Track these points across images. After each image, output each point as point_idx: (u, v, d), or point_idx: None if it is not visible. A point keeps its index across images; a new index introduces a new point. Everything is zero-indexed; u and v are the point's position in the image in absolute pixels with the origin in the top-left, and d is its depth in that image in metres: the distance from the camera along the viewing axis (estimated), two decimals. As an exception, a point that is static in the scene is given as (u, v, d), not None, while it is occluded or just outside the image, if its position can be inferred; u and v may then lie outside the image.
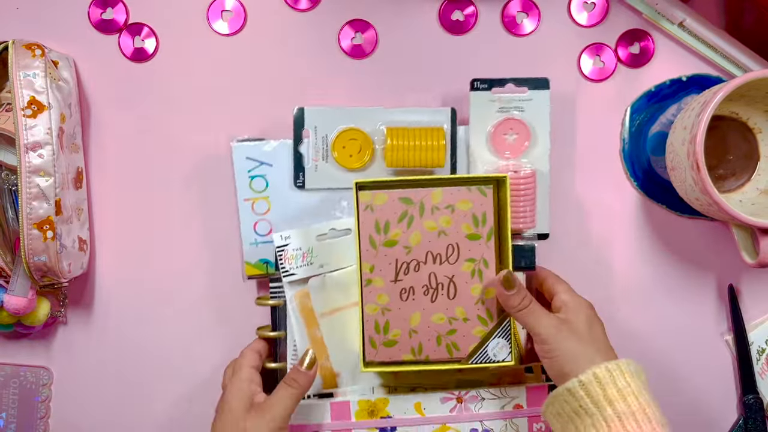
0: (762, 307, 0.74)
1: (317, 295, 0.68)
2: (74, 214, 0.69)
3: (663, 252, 0.74)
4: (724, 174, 0.71)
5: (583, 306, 0.64)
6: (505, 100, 0.69)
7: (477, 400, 0.68)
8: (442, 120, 0.69)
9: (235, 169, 0.70)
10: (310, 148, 0.70)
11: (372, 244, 0.65)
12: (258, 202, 0.70)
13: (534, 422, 0.69)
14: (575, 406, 0.59)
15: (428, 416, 0.68)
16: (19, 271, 0.67)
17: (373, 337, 0.66)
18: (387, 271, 0.65)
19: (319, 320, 0.68)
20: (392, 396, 0.68)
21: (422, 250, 0.65)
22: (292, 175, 0.70)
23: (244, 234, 0.70)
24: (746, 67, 0.72)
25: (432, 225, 0.65)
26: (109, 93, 0.73)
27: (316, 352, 0.65)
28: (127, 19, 0.72)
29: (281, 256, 0.68)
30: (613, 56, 0.73)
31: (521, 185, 0.69)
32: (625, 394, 0.58)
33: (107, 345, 0.74)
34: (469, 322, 0.66)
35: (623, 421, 0.56)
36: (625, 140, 0.73)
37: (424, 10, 0.73)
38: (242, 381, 0.64)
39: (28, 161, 0.63)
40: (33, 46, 0.66)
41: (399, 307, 0.65)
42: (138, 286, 0.74)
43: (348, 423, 0.68)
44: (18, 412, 0.73)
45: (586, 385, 0.58)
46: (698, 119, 0.61)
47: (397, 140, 0.68)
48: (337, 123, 0.69)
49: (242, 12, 0.73)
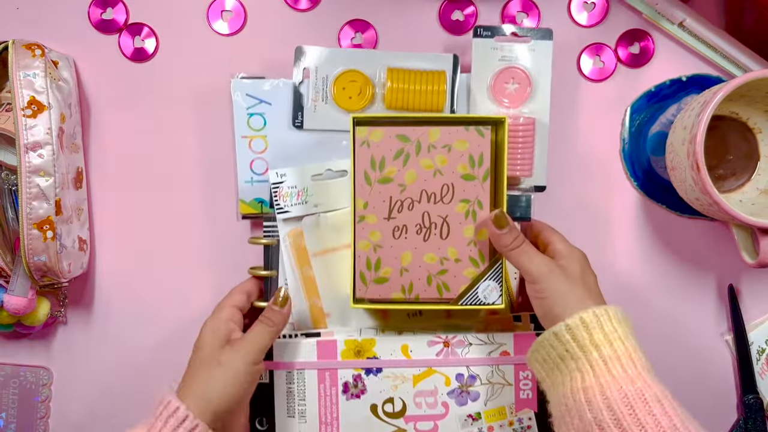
0: (762, 307, 0.74)
1: (310, 234, 0.68)
2: (74, 214, 0.69)
3: (663, 252, 0.74)
4: (724, 174, 0.71)
5: (577, 254, 0.64)
6: (507, 49, 0.69)
7: (464, 345, 0.68)
8: (443, 66, 0.69)
9: (234, 106, 0.70)
10: (310, 88, 0.70)
11: (367, 180, 0.65)
12: (255, 140, 0.70)
13: (520, 370, 0.68)
14: (561, 350, 0.58)
15: (414, 359, 0.68)
16: (19, 271, 0.67)
17: (364, 273, 0.65)
18: (380, 208, 0.65)
19: (312, 260, 0.68)
20: (379, 337, 0.68)
21: (417, 189, 0.65)
22: (290, 114, 0.70)
23: (240, 172, 0.70)
24: (746, 67, 0.72)
25: (428, 164, 0.65)
26: (109, 93, 0.73)
27: (307, 291, 0.65)
28: (127, 19, 0.72)
29: (276, 193, 0.68)
30: (613, 56, 0.73)
31: (520, 131, 0.68)
32: (611, 338, 0.57)
33: (107, 345, 0.74)
34: (461, 263, 0.65)
35: (608, 364, 0.56)
36: (625, 140, 0.73)
37: (424, 10, 0.73)
38: (219, 320, 0.64)
39: (28, 161, 0.63)
40: (33, 46, 0.66)
41: (391, 245, 0.65)
42: (138, 286, 0.74)
43: (334, 362, 0.68)
44: (18, 412, 0.73)
45: (572, 329, 0.57)
46: (698, 119, 0.61)
47: (397, 83, 0.68)
48: (338, 64, 0.69)
49: (242, 12, 0.73)
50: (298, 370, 0.68)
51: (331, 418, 0.68)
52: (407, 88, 0.68)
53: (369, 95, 0.69)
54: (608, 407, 0.54)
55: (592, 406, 0.54)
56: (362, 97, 0.69)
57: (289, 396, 0.68)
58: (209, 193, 0.73)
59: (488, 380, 0.68)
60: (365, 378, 0.68)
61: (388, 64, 0.69)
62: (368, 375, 0.68)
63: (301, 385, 0.68)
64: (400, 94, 0.68)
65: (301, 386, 0.68)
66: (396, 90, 0.68)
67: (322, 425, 0.68)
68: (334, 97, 0.69)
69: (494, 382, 0.68)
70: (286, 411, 0.68)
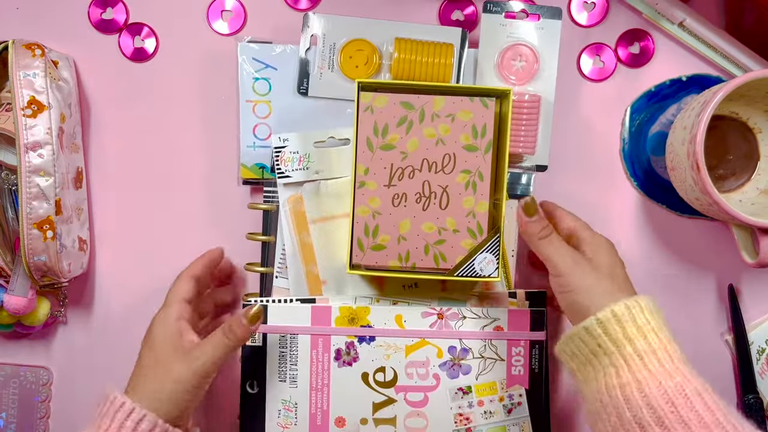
0: (762, 307, 0.74)
1: (310, 200, 0.69)
2: (74, 214, 0.69)
3: (663, 252, 0.74)
4: (724, 174, 0.71)
5: (604, 244, 0.62)
6: (516, 26, 0.69)
7: (458, 318, 0.68)
8: (451, 40, 0.69)
9: (240, 69, 0.70)
10: (317, 55, 0.70)
11: (369, 146, 0.65)
12: (259, 105, 0.70)
13: (513, 346, 0.68)
14: (593, 345, 0.56)
15: (408, 329, 0.68)
16: (19, 271, 0.67)
17: (361, 239, 0.65)
18: (381, 175, 0.65)
19: (310, 226, 0.69)
20: (374, 306, 0.68)
21: (418, 157, 0.65)
22: (296, 81, 0.70)
23: (242, 136, 0.70)
24: (746, 67, 0.72)
25: (431, 132, 0.65)
26: (109, 93, 0.73)
27: (304, 257, 0.65)
28: (127, 19, 0.72)
29: (278, 157, 0.68)
30: (613, 56, 0.73)
31: (524, 108, 0.68)
32: (645, 331, 0.55)
33: (107, 345, 0.74)
34: (459, 234, 0.65)
35: (644, 359, 0.54)
36: (625, 140, 0.73)
37: (424, 10, 0.73)
38: (169, 317, 0.62)
39: (28, 161, 0.63)
40: (33, 46, 0.66)
41: (390, 212, 0.65)
42: (138, 286, 0.73)
43: (327, 329, 0.68)
44: (18, 412, 0.73)
45: (604, 323, 0.55)
46: (698, 119, 0.61)
47: (405, 53, 0.68)
48: (346, 33, 0.69)
49: (242, 12, 0.73)
50: (291, 335, 0.68)
51: (322, 384, 0.68)
52: (414, 59, 0.68)
53: (375, 65, 0.69)
54: (648, 405, 0.52)
55: (630, 404, 0.52)
56: (369, 66, 0.69)
57: (281, 360, 0.68)
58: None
59: (480, 354, 0.68)
60: (358, 346, 0.68)
61: (395, 34, 0.69)
62: (361, 343, 0.68)
63: (293, 350, 0.68)
64: (407, 65, 0.68)
65: (294, 351, 0.68)
66: (403, 61, 0.68)
67: (312, 391, 0.68)
68: (341, 65, 0.69)
69: (486, 356, 0.68)
70: (278, 375, 0.68)
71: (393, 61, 0.68)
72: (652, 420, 0.51)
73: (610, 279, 0.59)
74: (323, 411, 0.68)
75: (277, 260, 0.69)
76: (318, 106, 0.70)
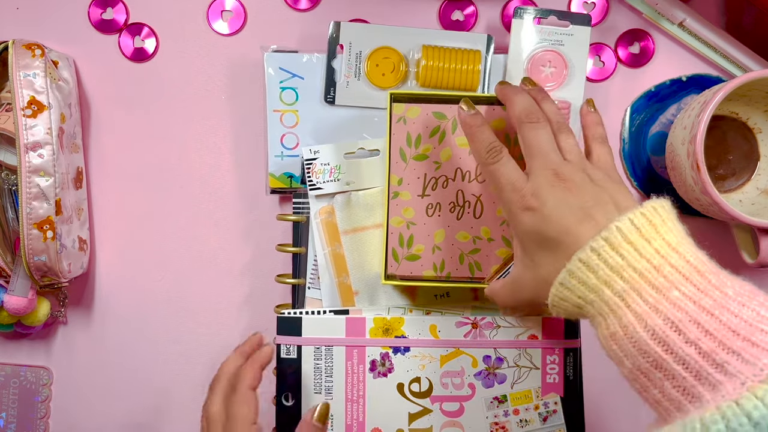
0: (762, 307, 0.74)
1: (342, 212, 0.68)
2: (74, 214, 0.69)
3: (663, 252, 0.74)
4: (724, 174, 0.71)
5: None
6: (546, 32, 0.69)
7: (492, 327, 0.68)
8: (478, 46, 0.69)
9: (267, 79, 0.70)
10: (344, 63, 0.70)
11: (402, 156, 0.65)
12: (287, 114, 0.70)
13: (548, 354, 0.68)
14: (574, 300, 0.49)
15: (442, 339, 0.67)
16: (19, 271, 0.67)
17: (396, 250, 0.65)
18: (415, 185, 0.65)
19: (342, 237, 0.68)
20: (408, 316, 0.67)
21: (452, 167, 0.65)
22: (323, 89, 0.70)
23: (270, 146, 0.70)
24: (746, 67, 0.72)
25: (463, 142, 0.64)
26: (109, 93, 0.73)
27: (336, 268, 0.64)
28: (127, 19, 0.72)
29: (309, 169, 0.68)
30: (613, 56, 0.73)
31: None
32: (619, 271, 0.47)
33: (107, 345, 0.74)
34: (494, 243, 0.65)
35: (626, 299, 0.46)
36: (625, 140, 0.73)
37: (424, 10, 0.73)
38: (249, 416, 0.60)
39: (28, 161, 0.63)
40: (33, 46, 0.66)
41: (424, 222, 0.65)
42: (138, 286, 0.74)
43: (362, 339, 0.67)
44: (18, 412, 0.73)
45: (574, 273, 0.48)
46: (698, 119, 0.61)
47: (432, 60, 0.68)
48: (372, 41, 0.69)
49: (242, 12, 0.73)
50: (326, 347, 0.68)
51: (358, 396, 0.68)
52: (442, 66, 0.68)
53: (402, 72, 0.69)
54: (642, 351, 0.45)
55: (626, 353, 0.46)
56: (395, 74, 0.69)
57: (317, 372, 0.68)
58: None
59: (515, 363, 0.68)
60: (393, 356, 0.68)
61: (421, 42, 0.69)
62: (396, 354, 0.67)
63: (328, 362, 0.68)
64: (435, 72, 0.68)
65: (329, 363, 0.68)
66: (430, 68, 0.68)
67: (348, 402, 0.68)
68: (367, 73, 0.69)
69: (521, 365, 0.68)
70: (313, 387, 0.68)
71: (420, 69, 0.68)
72: (650, 365, 0.45)
73: None
74: (359, 422, 0.68)
75: (309, 271, 0.69)
76: (345, 115, 0.70)
